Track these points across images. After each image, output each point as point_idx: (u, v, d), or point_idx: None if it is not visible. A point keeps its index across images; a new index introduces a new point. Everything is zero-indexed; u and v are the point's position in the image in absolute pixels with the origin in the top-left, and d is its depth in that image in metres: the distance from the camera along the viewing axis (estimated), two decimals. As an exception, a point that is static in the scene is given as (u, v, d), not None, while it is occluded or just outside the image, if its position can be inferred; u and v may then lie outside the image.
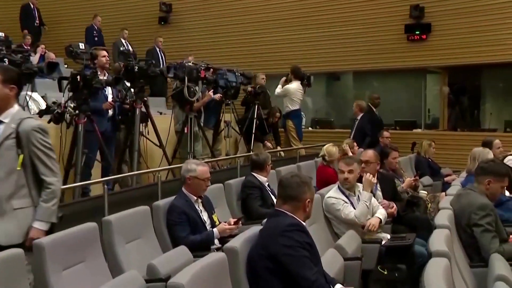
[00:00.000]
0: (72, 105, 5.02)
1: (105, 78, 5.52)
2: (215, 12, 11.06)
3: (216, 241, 3.83)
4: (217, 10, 11.04)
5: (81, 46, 5.22)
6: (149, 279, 2.84)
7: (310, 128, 10.40)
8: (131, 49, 10.23)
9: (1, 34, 5.06)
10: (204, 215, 3.94)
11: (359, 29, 9.80)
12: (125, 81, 5.92)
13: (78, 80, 4.96)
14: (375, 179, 4.51)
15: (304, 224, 2.86)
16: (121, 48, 9.14)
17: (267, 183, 4.97)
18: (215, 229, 3.86)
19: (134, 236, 3.50)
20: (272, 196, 4.79)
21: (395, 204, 4.76)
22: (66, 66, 9.11)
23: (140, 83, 5.85)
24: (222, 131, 7.73)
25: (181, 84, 6.34)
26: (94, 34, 10.87)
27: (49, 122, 4.95)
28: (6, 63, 4.08)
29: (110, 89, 5.67)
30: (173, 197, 3.95)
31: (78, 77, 4.98)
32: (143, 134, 6.05)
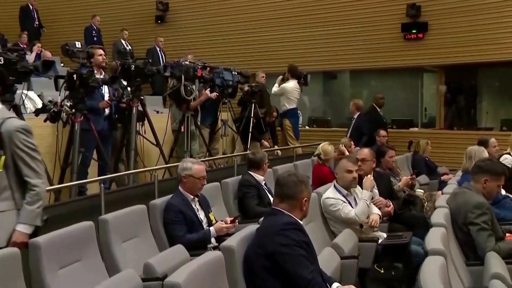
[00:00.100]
0: (69, 104, 4.99)
1: (101, 77, 5.51)
2: (212, 10, 11.05)
3: (212, 240, 3.82)
4: (214, 9, 11.03)
5: (78, 44, 5.20)
6: (146, 278, 2.84)
7: (307, 127, 10.40)
8: (131, 49, 10.23)
9: (-4, 33, 5.04)
10: (201, 214, 3.94)
11: (356, 28, 9.81)
12: (122, 79, 5.92)
13: (75, 79, 4.95)
14: (371, 177, 4.52)
15: (301, 223, 2.86)
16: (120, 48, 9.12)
17: (264, 182, 4.97)
18: (211, 228, 3.85)
19: (130, 235, 3.50)
20: (269, 195, 4.79)
21: (391, 203, 4.78)
22: (62, 65, 9.10)
23: (137, 82, 5.85)
24: (219, 130, 7.72)
25: (178, 83, 6.33)
26: (93, 34, 10.86)
27: (45, 121, 4.95)
28: (1, 61, 4.04)
29: (107, 88, 5.66)
30: (170, 196, 3.95)
31: (75, 75, 4.96)
32: (140, 133, 6.05)
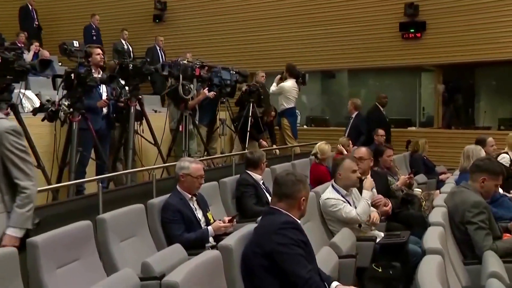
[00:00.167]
0: (66, 103, 4.99)
1: (99, 76, 5.50)
2: (210, 10, 11.05)
3: (210, 239, 3.82)
4: (212, 8, 11.03)
5: (75, 43, 5.18)
6: (144, 277, 2.84)
7: (305, 126, 10.41)
8: (131, 49, 10.23)
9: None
10: (199, 213, 3.94)
11: (354, 27, 9.81)
12: (120, 79, 5.91)
13: (72, 78, 4.94)
14: (369, 176, 4.55)
15: (299, 222, 2.86)
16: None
17: (262, 181, 4.97)
18: (209, 227, 3.85)
19: (128, 234, 3.50)
20: (266, 194, 4.79)
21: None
22: (60, 64, 9.09)
23: (135, 81, 5.84)
24: (217, 129, 7.72)
25: (176, 82, 6.33)
26: (93, 33, 10.86)
27: (43, 120, 4.94)
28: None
29: (105, 87, 5.65)
30: (168, 195, 3.95)
31: (72, 75, 4.95)
32: (137, 132, 6.04)
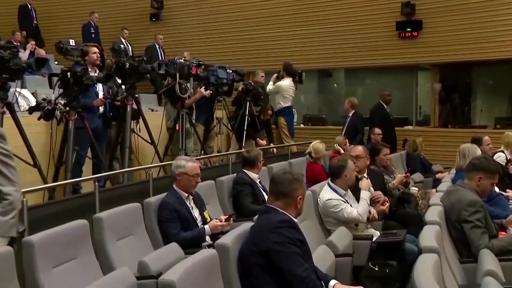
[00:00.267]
0: (63, 102, 4.97)
1: (95, 74, 5.49)
2: (206, 8, 11.03)
3: (207, 238, 3.83)
4: (209, 7, 11.01)
5: (72, 42, 5.17)
6: (140, 276, 2.83)
7: (302, 125, 10.41)
8: (130, 48, 10.20)
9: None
10: (195, 212, 3.94)
11: (351, 26, 9.81)
12: (116, 77, 5.89)
13: (69, 76, 4.92)
14: (365, 174, 4.57)
15: (296, 221, 2.86)
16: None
17: (259, 179, 4.97)
18: (206, 226, 3.85)
19: (125, 233, 3.50)
20: (263, 192, 4.79)
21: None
22: (56, 62, 9.06)
23: (132, 80, 5.83)
24: (214, 128, 7.71)
25: (173, 81, 6.32)
26: (91, 31, 10.83)
27: (39, 119, 4.93)
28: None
29: (101, 85, 5.64)
30: (165, 194, 3.95)
31: (69, 73, 4.93)
32: (134, 131, 6.03)
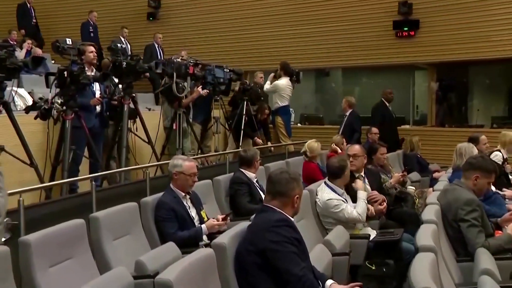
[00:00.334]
0: (59, 101, 4.96)
1: (92, 74, 5.47)
2: (204, 8, 11.02)
3: (204, 237, 3.82)
4: (206, 6, 11.00)
5: (68, 41, 5.15)
6: (137, 276, 2.84)
7: (299, 124, 10.41)
8: (129, 47, 10.19)
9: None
10: (193, 211, 3.93)
11: (348, 26, 9.82)
12: (113, 77, 5.88)
13: (65, 75, 4.90)
14: (362, 173, 4.59)
15: (292, 220, 2.87)
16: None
17: (256, 179, 4.97)
18: (203, 225, 3.85)
19: (122, 232, 3.49)
20: (260, 192, 4.79)
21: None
22: (53, 61, 9.04)
23: (129, 79, 5.81)
24: (211, 127, 7.71)
25: (170, 80, 6.31)
26: (90, 30, 10.80)
27: (36, 118, 4.91)
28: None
29: (98, 85, 5.63)
30: (162, 193, 3.94)
31: (65, 72, 4.91)
32: (131, 130, 6.02)
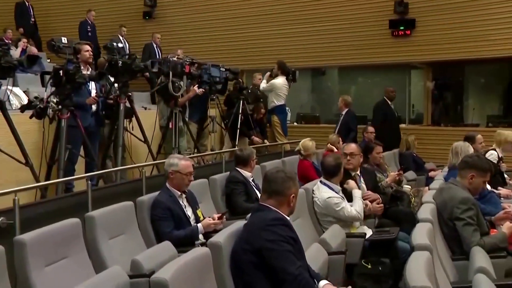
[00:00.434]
0: (55, 100, 4.94)
1: (88, 72, 5.46)
2: (200, 7, 11.00)
3: (200, 236, 3.82)
4: (202, 5, 10.98)
5: (64, 40, 5.13)
6: (133, 275, 2.82)
7: (295, 123, 10.41)
8: (127, 45, 10.16)
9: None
10: (188, 211, 3.93)
11: (344, 25, 9.82)
12: (109, 76, 5.87)
13: (61, 74, 4.88)
14: (358, 172, 4.60)
15: (288, 219, 2.87)
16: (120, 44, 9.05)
17: (252, 178, 4.97)
18: (199, 224, 3.85)
19: (118, 231, 3.49)
20: (256, 191, 4.79)
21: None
22: (49, 60, 9.01)
23: (125, 78, 5.80)
24: (207, 126, 7.70)
25: (166, 79, 6.30)
26: (88, 29, 10.79)
27: (31, 117, 4.89)
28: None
29: (94, 84, 5.61)
30: (157, 192, 3.94)
31: (61, 71, 4.90)
32: (127, 130, 6.01)
